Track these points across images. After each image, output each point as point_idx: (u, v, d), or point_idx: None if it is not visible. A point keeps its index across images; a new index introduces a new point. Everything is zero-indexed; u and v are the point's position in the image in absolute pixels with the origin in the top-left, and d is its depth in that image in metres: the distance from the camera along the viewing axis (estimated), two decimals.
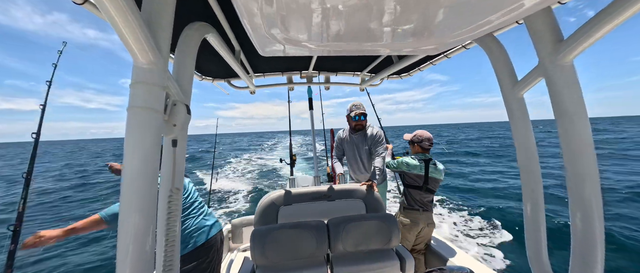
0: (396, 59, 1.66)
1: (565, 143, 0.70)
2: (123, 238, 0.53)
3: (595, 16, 0.58)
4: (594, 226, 0.68)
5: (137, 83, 0.55)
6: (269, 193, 1.87)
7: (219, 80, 2.04)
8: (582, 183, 0.69)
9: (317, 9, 0.52)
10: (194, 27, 0.83)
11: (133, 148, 0.54)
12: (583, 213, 0.69)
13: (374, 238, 1.52)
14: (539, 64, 0.75)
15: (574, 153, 0.69)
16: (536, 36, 0.73)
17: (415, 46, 0.77)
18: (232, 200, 7.95)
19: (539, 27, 0.72)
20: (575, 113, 0.68)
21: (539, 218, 0.87)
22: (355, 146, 2.49)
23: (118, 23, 0.46)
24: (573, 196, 0.71)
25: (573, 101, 0.68)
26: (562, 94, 0.69)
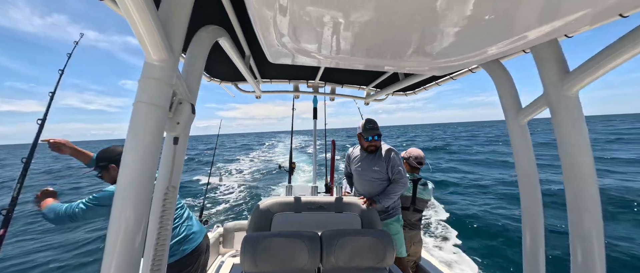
0: (402, 77, 1.68)
1: (567, 174, 0.70)
2: (113, 231, 0.52)
3: (603, 50, 0.59)
4: (595, 262, 0.66)
5: (146, 78, 0.56)
6: (264, 199, 1.85)
7: (227, 82, 2.07)
8: (582, 215, 0.68)
9: (329, 23, 0.53)
10: (207, 29, 0.85)
11: (135, 141, 0.54)
12: (583, 248, 0.67)
13: (367, 254, 1.48)
14: (544, 93, 0.75)
15: (576, 186, 0.68)
16: (542, 65, 0.74)
17: (421, 66, 0.79)
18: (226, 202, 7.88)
19: (545, 57, 0.73)
20: (579, 145, 0.68)
21: (538, 250, 0.85)
22: (365, 167, 2.10)
23: (135, 19, 0.48)
24: (573, 229, 0.69)
25: (577, 134, 0.68)
26: (565, 126, 0.69)
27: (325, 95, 2.44)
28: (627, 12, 0.53)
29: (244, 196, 8.47)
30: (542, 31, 0.50)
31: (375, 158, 2.04)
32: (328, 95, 2.44)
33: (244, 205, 7.47)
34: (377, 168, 2.01)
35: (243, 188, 9.52)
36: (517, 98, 0.91)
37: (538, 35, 0.50)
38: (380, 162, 2.01)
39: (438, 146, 24.68)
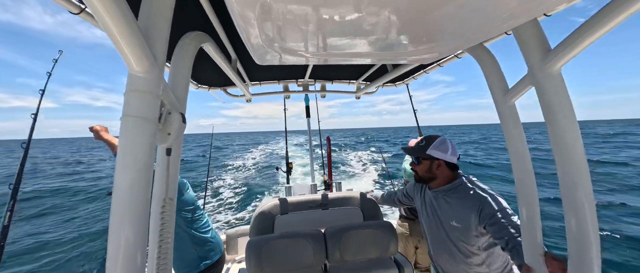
0: (390, 68, 1.70)
1: (557, 147, 0.72)
2: (113, 250, 0.51)
3: (581, 27, 0.60)
4: (588, 227, 0.69)
5: (132, 91, 0.54)
6: (264, 202, 1.84)
7: (215, 88, 2.04)
8: (574, 186, 0.70)
9: (313, 20, 0.53)
10: (190, 36, 0.84)
11: (126, 157, 0.53)
12: (576, 215, 0.70)
13: (371, 246, 1.50)
14: (528, 73, 0.77)
15: (565, 157, 0.71)
16: (524, 45, 0.76)
17: (408, 56, 0.79)
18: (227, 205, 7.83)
19: (526, 37, 0.74)
20: (565, 118, 0.70)
21: (534, 223, 0.87)
22: (433, 215, 1.25)
23: (114, 32, 0.46)
24: (566, 199, 0.72)
25: (562, 108, 0.70)
26: (551, 102, 0.71)
27: (316, 92, 2.44)
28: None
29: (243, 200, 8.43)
30: (522, 11, 0.51)
31: (452, 203, 1.14)
32: (319, 92, 2.44)
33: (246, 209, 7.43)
34: (456, 224, 1.11)
35: (242, 192, 9.47)
36: (504, 80, 0.93)
37: (518, 15, 0.51)
38: (462, 212, 1.10)
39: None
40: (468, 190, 1.13)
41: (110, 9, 0.43)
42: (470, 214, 1.07)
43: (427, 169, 1.21)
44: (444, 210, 1.18)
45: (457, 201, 1.13)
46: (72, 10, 0.73)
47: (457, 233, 1.13)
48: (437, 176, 1.20)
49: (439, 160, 1.17)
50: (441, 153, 1.16)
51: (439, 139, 1.19)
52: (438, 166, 1.18)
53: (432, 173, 1.20)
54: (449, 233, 1.16)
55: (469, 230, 1.08)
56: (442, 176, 1.20)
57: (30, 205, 8.45)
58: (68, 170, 17.49)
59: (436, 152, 1.16)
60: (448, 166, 1.18)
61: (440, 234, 1.21)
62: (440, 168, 1.18)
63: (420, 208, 1.37)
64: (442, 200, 1.20)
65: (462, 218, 1.10)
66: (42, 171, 16.65)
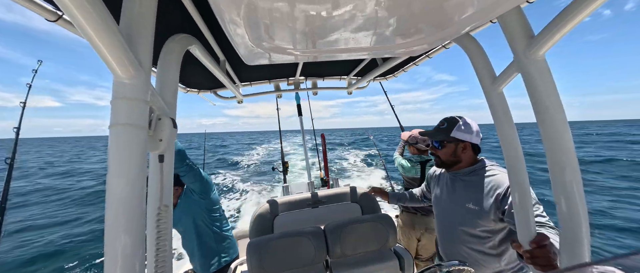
0: (380, 62, 1.70)
1: (545, 133, 0.74)
2: (111, 263, 0.50)
3: (562, 12, 0.62)
4: (578, 209, 0.72)
5: (119, 99, 0.53)
6: (262, 203, 1.84)
7: (205, 91, 2.01)
8: (562, 169, 0.72)
9: (300, 17, 0.52)
10: (176, 39, 0.82)
11: (118, 166, 0.52)
12: (566, 198, 0.72)
13: (371, 239, 1.52)
14: (514, 60, 0.79)
15: (553, 142, 0.73)
16: (509, 33, 0.77)
17: (397, 49, 0.80)
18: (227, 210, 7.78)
19: (511, 25, 0.76)
20: (551, 104, 0.72)
21: (527, 207, 0.90)
22: (450, 196, 1.19)
23: (95, 38, 0.45)
24: (556, 182, 0.74)
25: (548, 93, 0.72)
26: (537, 87, 0.73)
27: (308, 90, 2.43)
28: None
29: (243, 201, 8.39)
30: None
31: (471, 186, 1.09)
32: (310, 90, 2.43)
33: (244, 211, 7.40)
34: (473, 207, 1.06)
35: (241, 193, 9.42)
36: (491, 68, 0.95)
37: (502, 3, 0.52)
38: (480, 194, 1.05)
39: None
40: (490, 172, 1.07)
41: (89, 15, 0.42)
42: (490, 196, 1.01)
43: (452, 153, 1.13)
44: (460, 193, 1.12)
45: (476, 184, 1.07)
46: (48, 18, 0.71)
47: (473, 217, 1.05)
48: (462, 160, 1.12)
49: (465, 142, 1.10)
50: (467, 134, 1.09)
51: (463, 121, 1.12)
52: (463, 149, 1.11)
53: (457, 157, 1.12)
54: (463, 217, 1.09)
55: (487, 213, 1.01)
56: (466, 159, 1.12)
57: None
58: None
59: (462, 134, 1.09)
60: (472, 148, 1.12)
61: (454, 219, 1.14)
62: (466, 150, 1.12)
63: (434, 193, 1.30)
64: (460, 183, 1.14)
65: (479, 200, 1.04)
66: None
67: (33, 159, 26.85)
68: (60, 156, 31.09)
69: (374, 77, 2.01)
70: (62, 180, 14.05)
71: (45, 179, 14.24)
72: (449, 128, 1.12)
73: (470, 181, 1.10)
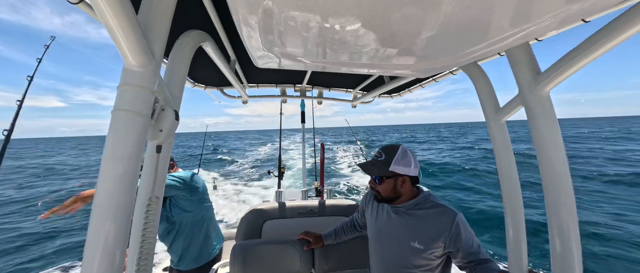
0: (387, 79, 1.73)
1: (543, 170, 0.74)
2: (91, 247, 0.49)
3: (571, 52, 0.63)
4: (572, 253, 0.70)
5: (126, 85, 0.53)
6: (254, 206, 1.81)
7: (212, 88, 2.03)
8: (559, 209, 0.72)
9: (315, 27, 0.53)
10: (190, 34, 0.83)
11: (113, 151, 0.52)
12: (562, 240, 0.72)
13: (358, 257, 1.48)
14: (519, 93, 0.80)
15: (551, 176, 0.73)
16: (516, 67, 0.78)
17: (405, 69, 0.81)
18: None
19: (518, 59, 0.77)
20: (552, 142, 0.73)
21: (520, 240, 0.89)
22: (392, 231, 1.10)
23: (112, 24, 0.46)
24: (552, 221, 0.73)
25: (549, 129, 0.73)
26: (539, 124, 0.74)
27: (313, 99, 2.45)
28: (588, 17, 0.58)
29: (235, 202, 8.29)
30: (515, 35, 0.53)
31: (416, 222, 1.03)
32: (315, 99, 2.45)
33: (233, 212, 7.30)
34: (418, 246, 1.00)
35: (235, 193, 9.32)
36: (495, 98, 0.96)
37: (511, 38, 0.54)
38: (427, 231, 1.00)
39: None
40: (434, 206, 1.01)
41: (111, 1, 0.43)
42: (438, 234, 0.97)
43: (392, 189, 1.03)
44: (402, 229, 1.04)
45: (422, 219, 1.00)
46: (70, 0, 0.72)
47: (416, 256, 0.99)
48: (402, 194, 1.04)
49: (403, 176, 1.01)
50: (405, 168, 1.00)
51: (400, 152, 1.02)
52: (402, 183, 1.02)
53: (397, 192, 1.03)
54: (405, 255, 1.02)
55: (431, 250, 0.97)
56: (406, 193, 1.04)
57: None
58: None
59: (400, 168, 1.00)
60: (411, 180, 1.03)
61: (395, 255, 1.05)
62: (405, 184, 1.02)
63: (371, 224, 1.18)
64: (402, 217, 1.05)
65: (426, 238, 0.98)
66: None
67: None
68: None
69: (380, 94, 2.03)
70: None
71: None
72: (388, 161, 1.01)
73: (414, 215, 1.03)
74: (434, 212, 1.00)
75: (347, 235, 1.42)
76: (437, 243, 0.97)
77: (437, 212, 0.99)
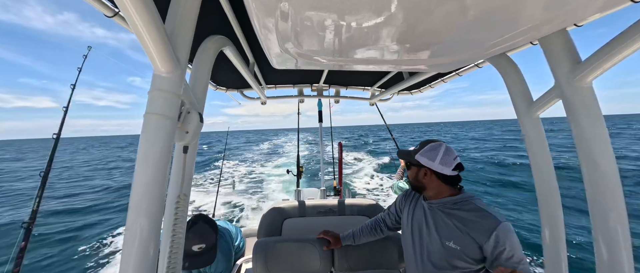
0: (407, 75, 1.67)
1: (586, 167, 0.67)
2: (129, 241, 0.53)
3: (617, 37, 0.57)
4: (622, 261, 0.63)
5: (156, 90, 0.57)
6: (274, 204, 1.85)
7: (232, 90, 2.10)
8: (606, 214, 0.65)
9: (331, 26, 0.53)
10: (212, 39, 0.87)
11: (146, 152, 0.56)
12: (609, 246, 0.64)
13: (380, 258, 1.46)
14: (555, 85, 0.73)
15: (595, 177, 0.66)
16: (551, 56, 0.72)
17: (426, 64, 0.78)
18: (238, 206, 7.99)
19: (554, 48, 0.71)
20: (596, 138, 0.65)
21: (559, 246, 0.82)
22: (422, 227, 1.09)
23: (143, 35, 0.49)
24: (597, 228, 0.66)
25: (592, 124, 0.66)
26: (579, 117, 0.67)
27: (330, 98, 2.45)
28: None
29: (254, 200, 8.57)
30: (550, 21, 0.48)
31: (453, 221, 0.98)
32: (333, 97, 2.44)
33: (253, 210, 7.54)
34: (454, 246, 0.96)
35: (253, 192, 9.63)
36: (528, 91, 0.89)
37: (546, 25, 0.49)
38: (465, 233, 0.95)
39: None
40: (477, 209, 0.96)
41: (141, 13, 0.46)
42: (478, 237, 0.90)
43: (415, 177, 1.08)
44: (440, 227, 1.01)
45: (460, 221, 0.96)
46: (106, 14, 0.79)
47: (451, 256, 0.95)
48: (425, 186, 1.05)
49: (425, 168, 1.03)
50: (428, 160, 1.00)
51: (430, 145, 1.03)
52: (425, 175, 1.03)
53: (420, 182, 1.06)
54: (439, 255, 0.98)
55: (468, 254, 0.92)
56: (432, 187, 1.04)
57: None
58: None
59: (423, 158, 1.02)
60: (438, 176, 1.01)
61: (427, 254, 1.03)
62: (428, 177, 1.03)
63: (406, 221, 1.17)
64: (440, 215, 1.02)
65: (463, 240, 0.93)
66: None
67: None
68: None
69: (399, 90, 1.98)
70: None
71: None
72: (416, 151, 1.06)
73: (452, 215, 0.99)
74: (475, 215, 0.94)
75: (366, 237, 1.40)
76: (474, 246, 0.91)
77: (479, 216, 0.94)
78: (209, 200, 7.86)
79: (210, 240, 1.37)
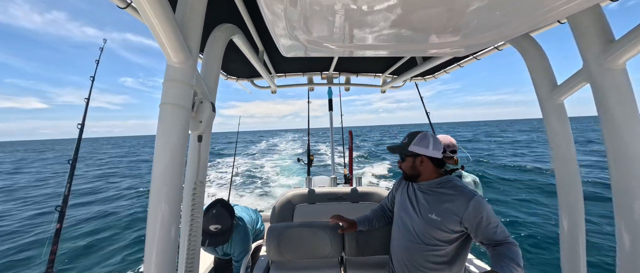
0: (420, 61, 1.61)
1: (613, 156, 0.63)
2: (151, 225, 0.57)
3: None
4: None
5: (169, 81, 0.59)
6: (286, 191, 1.90)
7: (243, 79, 2.12)
8: (631, 197, 0.61)
9: (340, 11, 0.51)
10: (221, 28, 0.87)
11: (163, 141, 0.58)
12: (633, 239, 0.61)
13: (389, 244, 1.48)
14: (584, 68, 0.68)
15: (624, 168, 0.62)
16: (581, 36, 0.66)
17: (442, 48, 0.74)
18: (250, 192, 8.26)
19: (585, 26, 0.65)
20: (627, 123, 0.61)
21: (578, 235, 0.79)
22: (407, 206, 1.22)
23: (155, 26, 0.50)
24: (620, 211, 0.63)
25: (624, 111, 0.61)
26: (610, 102, 0.62)
27: (341, 86, 2.41)
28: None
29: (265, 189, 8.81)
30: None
31: (436, 197, 1.12)
32: (343, 85, 2.40)
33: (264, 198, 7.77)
34: (435, 217, 1.08)
35: (262, 181, 9.89)
36: (552, 74, 0.83)
37: (578, 1, 0.45)
38: (445, 205, 1.08)
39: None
40: (457, 187, 1.12)
41: (153, 4, 0.46)
42: (455, 210, 1.06)
43: (411, 166, 1.20)
44: (424, 203, 1.16)
45: (442, 196, 1.12)
46: (119, 5, 0.80)
47: (433, 227, 1.10)
48: (421, 173, 1.19)
49: (421, 156, 1.16)
50: (423, 148, 1.15)
51: (420, 135, 1.18)
52: (421, 162, 1.17)
53: (417, 170, 1.19)
54: (423, 226, 1.13)
55: (447, 223, 1.07)
56: (427, 172, 1.18)
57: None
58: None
59: (417, 148, 1.16)
60: (432, 161, 1.17)
61: (412, 225, 1.18)
62: (424, 163, 1.17)
63: (398, 202, 1.32)
64: (426, 193, 1.18)
65: (443, 211, 1.08)
66: None
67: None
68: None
69: (411, 77, 1.91)
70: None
71: None
72: (409, 143, 1.19)
73: (436, 193, 1.15)
74: (454, 191, 1.11)
75: (380, 222, 1.47)
76: (453, 217, 1.06)
77: (458, 191, 1.10)
78: (222, 193, 8.17)
79: (226, 223, 1.48)
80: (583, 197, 0.79)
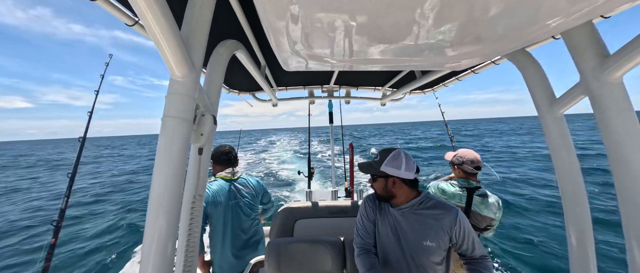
0: (419, 74, 1.64)
1: (616, 167, 0.63)
2: (148, 239, 0.55)
3: None
4: None
5: (172, 94, 0.60)
6: (285, 205, 1.87)
7: (245, 93, 2.15)
8: (638, 210, 0.60)
9: (341, 27, 0.53)
10: (225, 44, 0.90)
11: (164, 153, 0.58)
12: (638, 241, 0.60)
13: None
14: (581, 81, 0.69)
15: (627, 180, 0.61)
16: (576, 50, 0.68)
17: (440, 62, 0.76)
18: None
19: (579, 42, 0.67)
20: (628, 138, 0.61)
21: (586, 251, 0.77)
22: (391, 237, 1.12)
23: (161, 42, 0.52)
24: (628, 224, 0.62)
25: (624, 125, 0.61)
26: (608, 115, 0.63)
27: (341, 99, 2.44)
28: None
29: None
30: (576, 13, 0.46)
31: (424, 220, 1.06)
32: (343, 98, 2.43)
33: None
34: (430, 244, 1.04)
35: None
36: (550, 88, 0.84)
37: (571, 18, 0.46)
38: (436, 228, 1.04)
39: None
40: (439, 203, 1.07)
41: (159, 21, 0.48)
42: (446, 230, 1.04)
43: (383, 188, 1.11)
44: (414, 230, 1.06)
45: (428, 217, 1.06)
46: (127, 23, 0.83)
47: (429, 254, 1.04)
48: (395, 194, 1.09)
49: (392, 177, 1.07)
50: (394, 169, 1.05)
51: (392, 154, 1.07)
52: (394, 183, 1.08)
53: (389, 192, 1.10)
54: (418, 255, 1.05)
55: (442, 246, 1.04)
56: (401, 194, 1.09)
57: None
58: None
59: (389, 168, 1.06)
60: (405, 182, 1.07)
61: (405, 257, 1.07)
62: (397, 185, 1.08)
63: (379, 228, 1.16)
64: (412, 218, 1.08)
65: (436, 235, 1.04)
66: None
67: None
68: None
69: (411, 90, 1.94)
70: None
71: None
72: (381, 162, 1.09)
73: (420, 215, 1.08)
74: (438, 209, 1.06)
75: (366, 261, 1.19)
76: (445, 237, 1.05)
77: (443, 210, 1.06)
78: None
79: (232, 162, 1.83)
80: (589, 211, 0.77)
